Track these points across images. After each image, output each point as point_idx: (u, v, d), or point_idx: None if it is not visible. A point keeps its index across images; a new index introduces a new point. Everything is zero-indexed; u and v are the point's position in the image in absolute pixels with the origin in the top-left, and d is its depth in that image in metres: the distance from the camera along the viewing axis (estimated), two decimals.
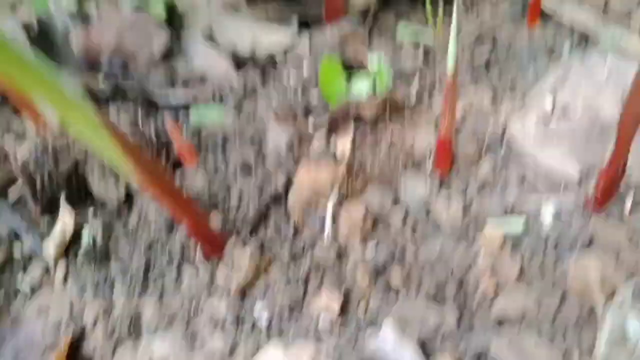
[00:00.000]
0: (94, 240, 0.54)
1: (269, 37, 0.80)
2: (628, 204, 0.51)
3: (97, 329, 0.50)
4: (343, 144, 0.58)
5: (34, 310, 0.52)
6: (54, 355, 0.48)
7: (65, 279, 0.54)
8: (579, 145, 0.54)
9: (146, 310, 0.50)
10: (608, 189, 0.50)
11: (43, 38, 0.78)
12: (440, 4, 0.80)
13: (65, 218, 0.56)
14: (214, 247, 0.50)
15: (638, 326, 0.42)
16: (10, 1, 0.92)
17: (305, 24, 0.84)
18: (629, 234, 0.48)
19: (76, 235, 0.55)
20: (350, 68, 0.71)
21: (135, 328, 0.50)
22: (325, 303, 0.46)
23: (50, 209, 0.59)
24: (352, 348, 0.45)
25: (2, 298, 0.54)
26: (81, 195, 0.60)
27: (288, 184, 0.55)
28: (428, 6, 0.71)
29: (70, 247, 0.55)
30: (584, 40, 0.68)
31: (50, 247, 0.54)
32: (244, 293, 0.49)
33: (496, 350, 0.43)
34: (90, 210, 0.59)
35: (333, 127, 0.59)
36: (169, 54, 0.77)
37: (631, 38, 0.64)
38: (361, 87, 0.64)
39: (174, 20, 0.85)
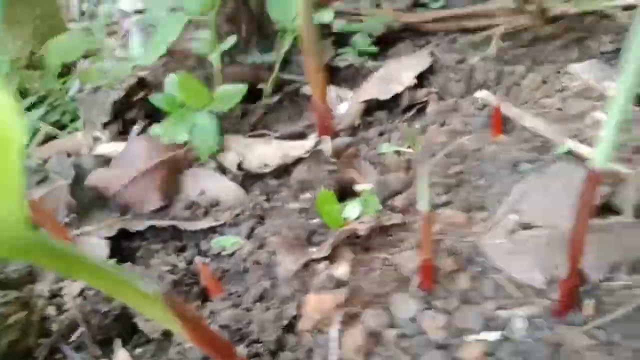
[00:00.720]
0: None
1: (268, 153, 0.90)
2: (587, 308, 0.58)
3: None
4: (342, 268, 0.66)
5: None
6: None
7: None
8: (543, 257, 0.61)
9: None
10: (568, 296, 0.57)
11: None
12: (415, 121, 0.91)
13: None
14: None
15: None
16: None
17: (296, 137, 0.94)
18: (591, 340, 0.55)
19: None
20: (344, 188, 0.80)
21: None
22: None
23: (105, 348, 0.68)
24: None
25: None
26: (128, 330, 0.69)
27: (299, 309, 0.63)
28: (406, 129, 0.80)
29: None
30: (546, 147, 0.76)
31: None
32: None
33: None
34: (138, 343, 0.67)
35: (333, 253, 0.68)
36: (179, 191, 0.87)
37: (582, 147, 0.72)
38: (354, 209, 0.73)
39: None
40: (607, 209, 0.67)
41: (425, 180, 0.55)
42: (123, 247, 0.81)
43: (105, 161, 0.90)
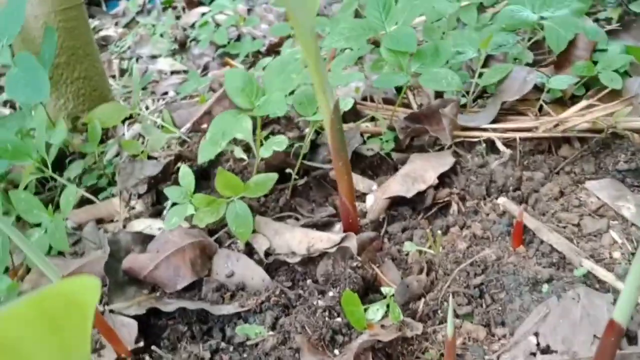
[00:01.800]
0: None
1: (295, 241, 0.91)
2: None
3: None
4: None
5: None
6: None
7: None
8: None
9: None
10: None
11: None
12: (437, 220, 0.92)
13: None
14: None
15: None
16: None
17: (323, 225, 0.96)
18: None
19: None
20: (368, 284, 0.81)
21: None
22: None
23: None
24: None
25: None
26: None
27: None
28: (429, 235, 0.81)
29: None
30: (564, 263, 0.77)
31: None
32: None
33: None
34: None
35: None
36: (210, 272, 0.88)
37: (600, 270, 0.73)
38: (377, 312, 0.74)
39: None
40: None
41: (453, 311, 0.56)
42: (151, 324, 0.81)
43: (140, 238, 0.91)
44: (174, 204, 0.94)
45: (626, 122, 0.96)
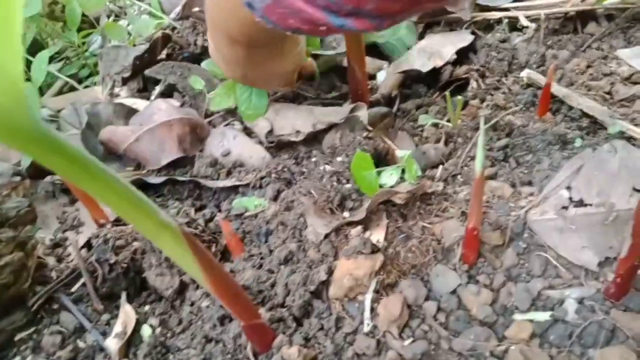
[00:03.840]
0: (154, 335, 0.57)
1: (299, 119, 0.85)
2: None
3: None
4: (378, 234, 0.61)
5: None
6: None
7: None
8: (597, 236, 0.56)
9: None
10: (627, 279, 0.52)
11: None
12: (455, 97, 0.85)
13: (127, 313, 0.59)
14: (264, 341, 0.53)
15: None
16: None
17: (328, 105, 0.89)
18: None
19: (136, 329, 0.59)
20: (379, 156, 0.75)
21: None
22: None
23: (108, 302, 0.62)
24: None
25: None
26: (136, 286, 0.64)
27: (329, 274, 0.58)
28: (448, 99, 0.75)
29: (131, 342, 0.58)
30: (594, 128, 0.71)
31: (114, 342, 0.57)
32: None
33: None
34: (146, 300, 0.62)
35: (368, 219, 0.62)
36: (202, 150, 0.82)
37: (635, 129, 0.68)
38: (391, 176, 0.68)
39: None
40: None
41: (483, 140, 0.50)
42: None
43: (123, 111, 0.85)
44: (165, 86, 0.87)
45: None
